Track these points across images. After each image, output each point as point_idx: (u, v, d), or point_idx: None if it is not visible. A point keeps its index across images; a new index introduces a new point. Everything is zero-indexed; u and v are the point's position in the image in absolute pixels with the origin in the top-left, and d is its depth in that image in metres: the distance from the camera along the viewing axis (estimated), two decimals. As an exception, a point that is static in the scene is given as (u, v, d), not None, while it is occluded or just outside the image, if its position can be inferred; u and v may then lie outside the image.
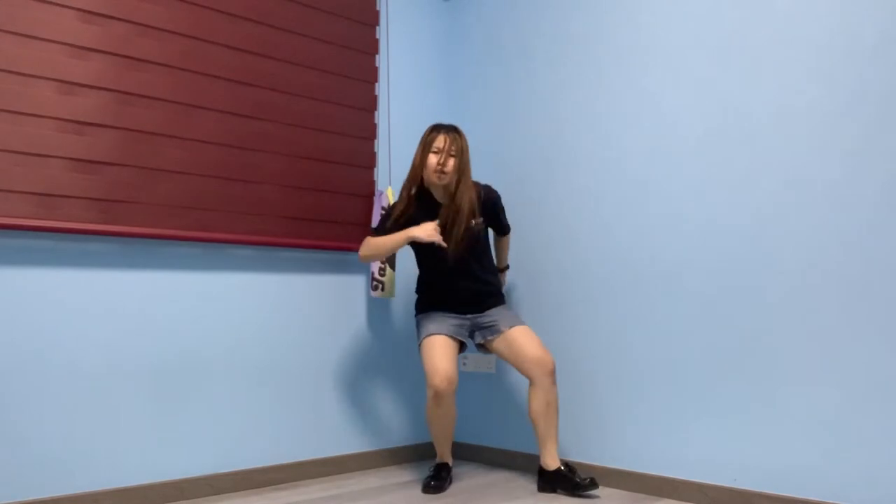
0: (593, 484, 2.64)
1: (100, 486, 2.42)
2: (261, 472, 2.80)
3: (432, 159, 2.72)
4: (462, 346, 2.87)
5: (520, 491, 2.76)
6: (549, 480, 2.72)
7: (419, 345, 2.81)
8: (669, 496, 2.65)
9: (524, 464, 3.11)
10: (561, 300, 3.04)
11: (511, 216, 3.21)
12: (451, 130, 2.76)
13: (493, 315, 2.82)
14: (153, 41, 2.57)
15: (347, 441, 3.10)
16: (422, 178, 2.79)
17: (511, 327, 2.78)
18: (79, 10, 2.40)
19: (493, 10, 3.40)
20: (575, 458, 2.95)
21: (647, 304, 2.77)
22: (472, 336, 2.87)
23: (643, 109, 2.83)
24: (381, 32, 3.29)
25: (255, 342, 2.82)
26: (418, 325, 2.88)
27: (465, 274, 2.82)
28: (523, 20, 3.26)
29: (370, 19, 3.24)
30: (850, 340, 2.28)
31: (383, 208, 3.09)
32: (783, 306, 2.43)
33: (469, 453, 3.32)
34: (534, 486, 2.82)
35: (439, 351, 2.71)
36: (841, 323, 2.31)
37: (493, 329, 2.80)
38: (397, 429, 3.28)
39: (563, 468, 2.70)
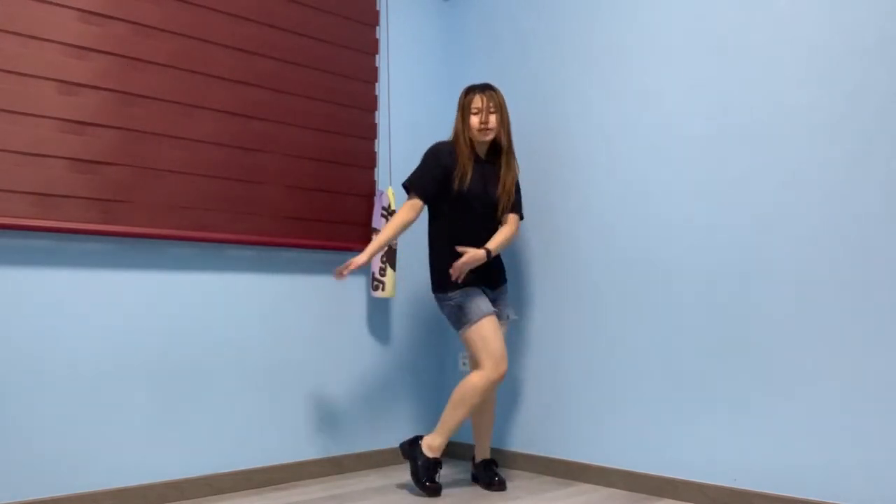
0: (501, 485, 2.78)
1: (100, 486, 2.42)
2: (261, 472, 2.80)
3: (474, 120, 2.73)
4: None
5: (520, 491, 2.76)
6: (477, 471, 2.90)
7: (469, 324, 2.64)
8: (669, 496, 2.65)
9: (525, 464, 3.11)
10: (561, 300, 3.04)
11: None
12: (487, 88, 2.76)
13: (502, 301, 2.86)
14: (153, 41, 2.57)
15: (347, 441, 3.10)
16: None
17: (509, 319, 2.88)
18: (79, 10, 2.40)
19: (493, 10, 3.40)
20: (575, 458, 2.96)
21: (646, 304, 2.77)
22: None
23: (643, 109, 2.82)
24: (381, 32, 3.29)
25: (255, 342, 2.82)
26: (460, 305, 2.67)
27: (489, 238, 2.77)
28: (523, 20, 3.26)
29: (370, 19, 3.24)
30: (850, 340, 2.28)
31: (384, 208, 3.08)
32: (783, 306, 2.42)
33: (470, 453, 3.32)
34: (534, 486, 2.82)
35: (494, 334, 2.65)
36: (841, 323, 2.30)
37: (498, 315, 2.82)
38: (397, 429, 3.28)
39: (488, 461, 2.87)
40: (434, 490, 2.67)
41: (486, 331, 2.63)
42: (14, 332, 2.27)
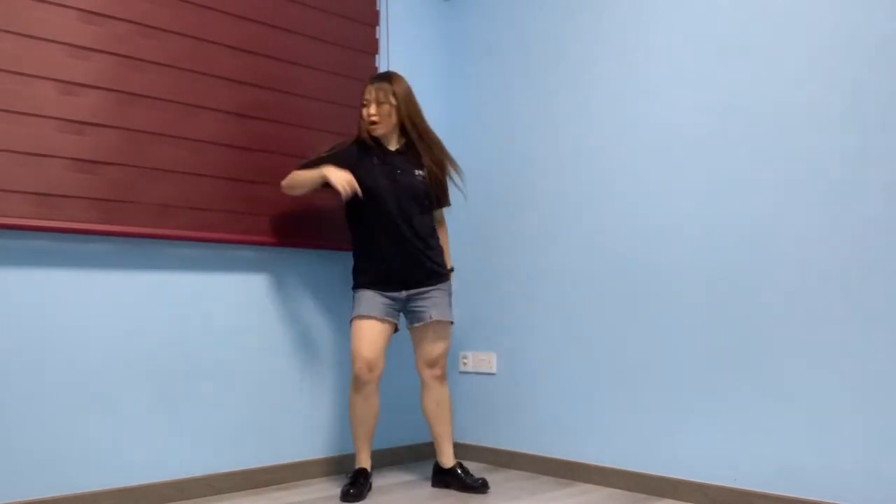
0: (485, 486, 2.71)
1: (100, 486, 2.42)
2: (261, 472, 2.80)
3: (364, 112, 2.72)
4: (395, 327, 2.76)
5: (520, 491, 2.76)
6: (443, 477, 2.81)
7: (351, 320, 2.71)
8: (669, 496, 2.65)
9: (525, 464, 3.11)
10: (560, 300, 3.04)
11: (509, 216, 3.21)
12: (381, 79, 2.71)
13: (427, 300, 2.73)
14: (153, 41, 2.57)
15: (347, 441, 3.10)
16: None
17: (432, 320, 2.72)
18: (79, 10, 2.40)
19: (493, 10, 3.40)
20: (575, 458, 2.96)
21: (646, 304, 2.77)
22: (404, 314, 2.80)
23: (643, 109, 2.83)
24: (381, 32, 3.29)
25: (255, 342, 2.82)
26: (353, 302, 2.76)
27: (405, 237, 2.68)
28: (523, 20, 3.27)
29: (370, 19, 3.24)
30: (851, 340, 2.28)
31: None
32: (783, 306, 2.43)
33: (469, 453, 3.32)
34: (534, 486, 2.82)
35: (366, 335, 2.64)
36: (841, 322, 2.30)
37: (419, 317, 2.73)
38: (396, 429, 3.28)
39: (457, 468, 2.78)
40: (345, 495, 2.58)
41: (355, 331, 2.67)
42: (14, 332, 2.27)
